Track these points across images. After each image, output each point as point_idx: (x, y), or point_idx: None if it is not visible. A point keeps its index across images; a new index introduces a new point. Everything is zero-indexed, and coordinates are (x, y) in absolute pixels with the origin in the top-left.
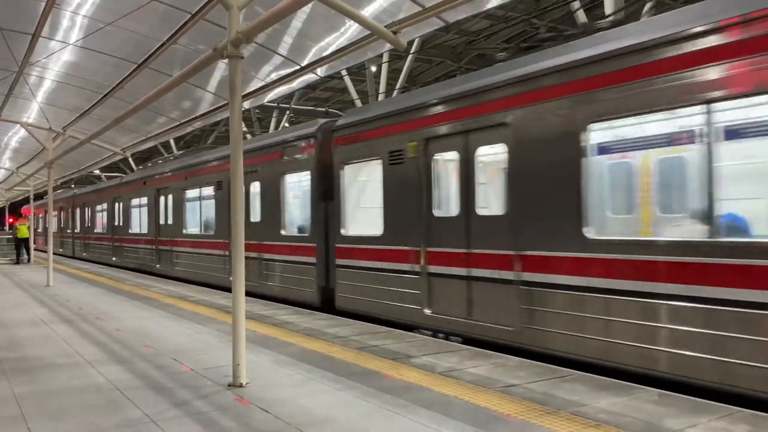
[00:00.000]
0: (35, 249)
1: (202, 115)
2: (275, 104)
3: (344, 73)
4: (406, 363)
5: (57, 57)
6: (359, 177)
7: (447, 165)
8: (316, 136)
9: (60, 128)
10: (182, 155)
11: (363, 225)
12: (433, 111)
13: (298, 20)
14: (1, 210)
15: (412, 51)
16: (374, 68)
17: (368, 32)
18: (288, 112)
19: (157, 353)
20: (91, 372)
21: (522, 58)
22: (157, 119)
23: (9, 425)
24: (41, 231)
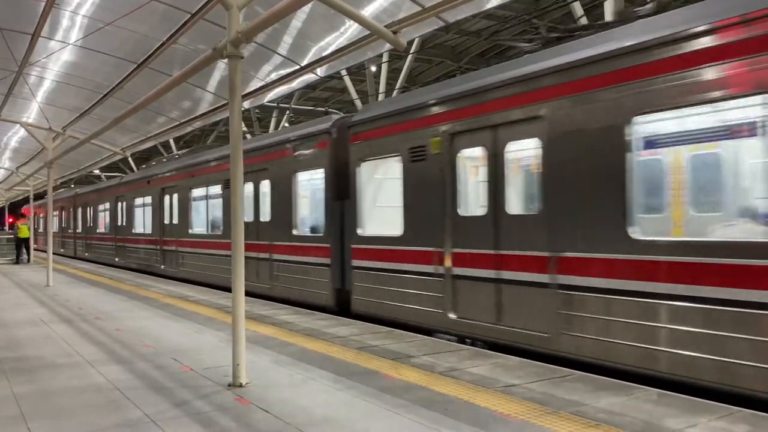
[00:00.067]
0: (36, 249)
1: (202, 115)
2: (275, 104)
3: (344, 73)
4: (406, 363)
5: (57, 57)
6: (377, 174)
7: (474, 161)
8: (331, 132)
9: (60, 128)
10: (188, 153)
11: (381, 225)
12: (459, 104)
13: (298, 20)
14: (1, 210)
15: (412, 51)
16: (374, 68)
17: (368, 32)
18: (288, 112)
19: (157, 353)
20: (91, 372)
21: (552, 49)
22: (157, 119)
23: (9, 425)
24: (42, 231)
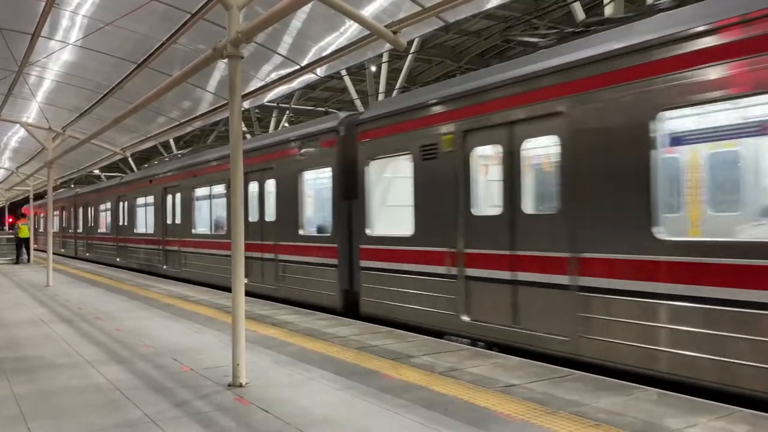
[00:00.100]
0: (36, 249)
1: (202, 115)
2: (275, 104)
3: (344, 73)
4: (406, 363)
5: (57, 57)
6: (387, 173)
7: (488, 159)
8: (338, 131)
9: (60, 128)
10: (191, 152)
11: (391, 225)
12: (474, 101)
13: (298, 20)
14: (1, 210)
15: (412, 51)
16: (374, 68)
17: (368, 32)
18: (288, 112)
19: (157, 353)
20: (91, 372)
21: (570, 44)
22: (157, 119)
23: (9, 425)
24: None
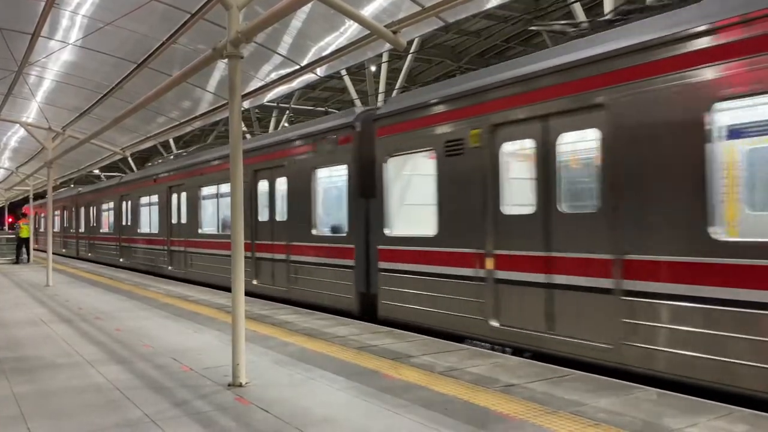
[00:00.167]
0: (37, 249)
1: (202, 115)
2: (275, 104)
3: (344, 73)
4: (406, 363)
5: (56, 57)
6: (407, 171)
7: (520, 155)
8: (354, 126)
9: (59, 128)
10: (196, 150)
11: (412, 224)
12: (503, 93)
13: (298, 20)
14: (1, 210)
15: (412, 51)
16: (374, 68)
17: (368, 32)
18: (288, 112)
19: (157, 353)
20: (91, 372)
21: (603, 33)
22: (157, 119)
23: (9, 425)
24: (43, 231)
